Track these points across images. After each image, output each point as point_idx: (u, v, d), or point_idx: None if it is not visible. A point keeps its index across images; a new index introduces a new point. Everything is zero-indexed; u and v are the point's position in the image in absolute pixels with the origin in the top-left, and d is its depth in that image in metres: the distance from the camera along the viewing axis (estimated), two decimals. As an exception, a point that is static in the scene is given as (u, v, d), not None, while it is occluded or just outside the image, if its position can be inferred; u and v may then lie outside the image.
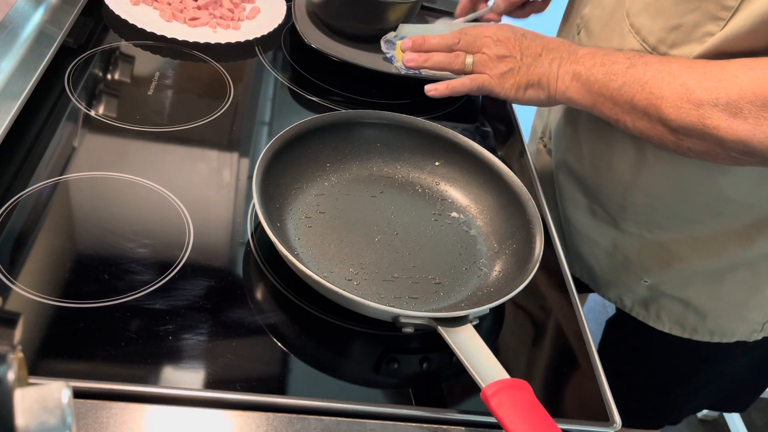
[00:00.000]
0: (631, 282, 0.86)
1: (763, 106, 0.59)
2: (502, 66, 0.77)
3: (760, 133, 0.60)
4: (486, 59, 0.78)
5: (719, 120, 0.61)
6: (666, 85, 0.64)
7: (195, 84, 0.85)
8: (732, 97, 0.60)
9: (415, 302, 0.63)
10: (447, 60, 0.81)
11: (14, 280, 0.56)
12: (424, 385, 0.58)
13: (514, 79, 0.77)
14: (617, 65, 0.68)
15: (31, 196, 0.64)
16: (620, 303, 0.90)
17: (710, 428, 1.78)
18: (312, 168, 0.72)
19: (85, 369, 0.52)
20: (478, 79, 0.79)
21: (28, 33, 0.77)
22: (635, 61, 0.67)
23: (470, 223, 0.72)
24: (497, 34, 0.79)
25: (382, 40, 0.93)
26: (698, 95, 0.62)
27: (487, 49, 0.78)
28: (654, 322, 0.88)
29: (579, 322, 0.67)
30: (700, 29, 0.65)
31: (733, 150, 0.62)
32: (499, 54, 0.77)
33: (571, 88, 0.72)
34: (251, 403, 0.52)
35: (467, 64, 0.79)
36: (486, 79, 0.78)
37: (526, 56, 0.76)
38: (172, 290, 0.59)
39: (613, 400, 0.60)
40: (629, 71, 0.67)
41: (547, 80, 0.74)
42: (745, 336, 0.86)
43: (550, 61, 0.74)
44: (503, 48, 0.77)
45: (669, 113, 0.64)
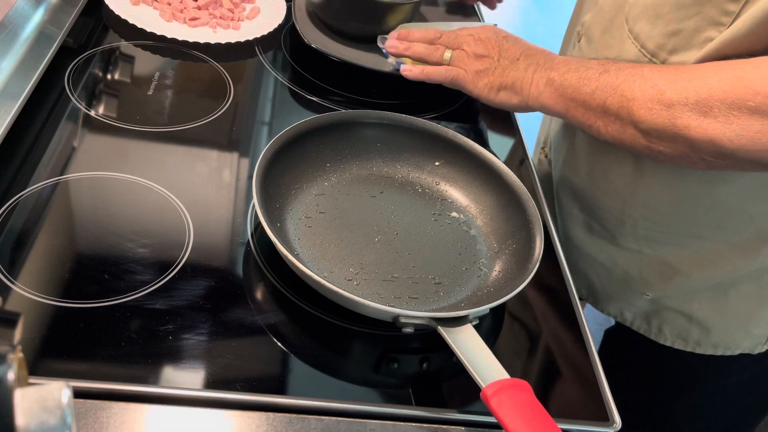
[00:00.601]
0: (632, 296, 0.85)
1: (732, 105, 0.59)
2: (478, 64, 0.78)
3: (730, 131, 0.59)
4: (464, 55, 0.80)
5: (689, 119, 0.61)
6: (637, 87, 0.65)
7: (195, 84, 0.85)
8: (702, 96, 0.60)
9: (415, 302, 0.63)
10: (426, 51, 0.82)
11: (14, 280, 0.56)
12: (424, 385, 0.58)
13: (488, 78, 0.78)
14: (590, 71, 0.69)
15: (31, 196, 0.64)
16: (621, 317, 0.89)
17: (710, 428, 1.78)
18: (312, 168, 0.72)
19: (85, 369, 0.52)
20: (452, 72, 0.80)
21: (28, 33, 0.77)
22: (608, 67, 0.68)
23: (470, 223, 0.72)
24: (479, 33, 0.80)
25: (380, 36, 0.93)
26: (669, 95, 0.62)
27: (467, 46, 0.80)
28: (656, 336, 0.87)
29: (579, 322, 0.67)
30: (700, 35, 0.65)
31: (703, 151, 0.62)
32: (477, 52, 0.79)
33: (544, 94, 0.73)
34: (251, 403, 0.52)
35: (445, 57, 0.81)
36: (461, 73, 0.79)
37: (504, 58, 0.77)
38: (172, 290, 0.59)
39: (614, 403, 0.60)
40: (602, 76, 0.68)
41: (521, 84, 0.75)
42: (748, 349, 0.85)
43: (526, 66, 0.75)
44: (482, 47, 0.79)
45: (640, 115, 0.64)
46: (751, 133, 0.59)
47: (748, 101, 0.58)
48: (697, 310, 0.82)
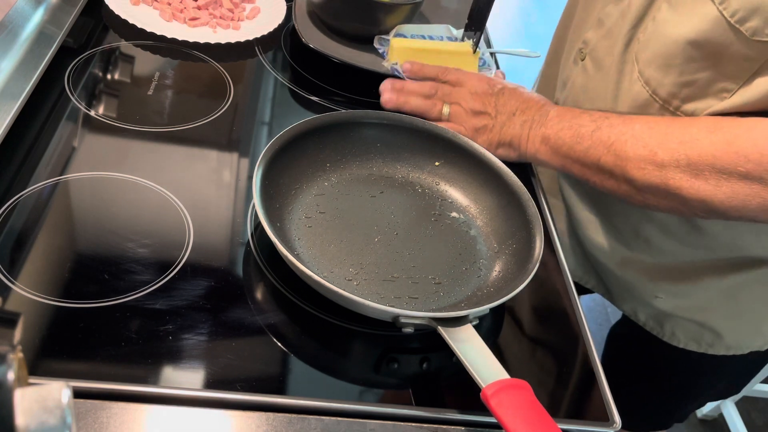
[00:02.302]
0: (644, 297, 0.86)
1: (722, 170, 0.60)
2: (476, 121, 0.78)
3: (721, 194, 0.61)
4: (462, 112, 0.79)
5: (681, 181, 0.63)
6: (630, 147, 0.66)
7: (195, 84, 0.85)
8: (692, 159, 0.62)
9: (415, 302, 0.63)
10: (425, 106, 0.81)
11: (14, 280, 0.56)
12: (424, 385, 0.58)
13: (487, 136, 0.78)
14: (583, 128, 0.70)
15: (31, 196, 0.64)
16: (634, 317, 0.89)
17: (710, 428, 1.78)
18: (312, 168, 0.72)
19: (85, 369, 0.52)
20: (453, 129, 0.78)
21: (28, 33, 0.77)
22: (600, 123, 0.69)
23: (470, 223, 0.72)
24: (475, 87, 0.79)
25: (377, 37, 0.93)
26: (661, 156, 0.63)
27: (464, 102, 0.79)
28: (669, 338, 0.87)
29: (579, 322, 0.67)
30: (715, 85, 0.64)
31: (695, 208, 0.64)
32: (474, 108, 0.78)
33: (540, 151, 0.74)
34: (251, 403, 0.52)
35: (444, 113, 0.80)
36: (461, 130, 0.79)
37: (501, 114, 0.77)
38: (172, 290, 0.59)
39: (614, 403, 0.60)
40: (595, 134, 0.69)
41: (518, 141, 0.76)
42: (758, 347, 0.86)
43: (522, 122, 0.76)
44: (479, 103, 0.78)
45: (634, 174, 0.65)
46: (741, 197, 0.60)
47: (738, 167, 0.59)
48: (709, 316, 0.83)
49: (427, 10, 1.08)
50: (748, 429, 1.70)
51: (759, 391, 1.78)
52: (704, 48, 0.63)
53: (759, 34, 0.59)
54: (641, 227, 0.79)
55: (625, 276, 0.85)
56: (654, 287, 0.84)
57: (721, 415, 1.76)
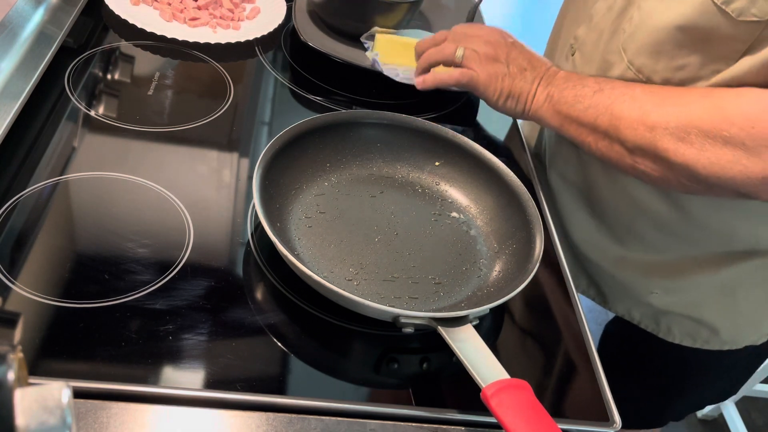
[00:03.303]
0: (641, 295, 0.86)
1: (707, 133, 0.61)
2: (490, 67, 0.77)
3: (704, 158, 0.62)
4: (476, 56, 0.78)
5: (668, 143, 0.63)
6: (626, 108, 0.67)
7: (195, 84, 0.85)
8: (681, 122, 0.63)
9: (415, 302, 0.63)
10: (438, 51, 0.81)
11: (14, 280, 0.56)
12: (424, 385, 0.58)
13: (499, 84, 0.77)
14: (586, 88, 0.71)
15: (31, 196, 0.64)
16: (629, 316, 0.89)
17: (710, 428, 1.78)
18: (312, 168, 0.72)
19: (85, 369, 0.52)
20: (465, 75, 0.78)
21: (28, 33, 0.77)
22: (603, 86, 0.70)
23: (470, 223, 0.72)
24: (488, 35, 0.79)
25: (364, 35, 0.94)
26: (653, 118, 0.64)
27: (478, 47, 0.78)
28: (664, 334, 0.87)
29: (579, 322, 0.67)
30: (707, 67, 0.65)
31: (680, 174, 0.64)
32: (489, 54, 0.77)
33: (542, 108, 0.74)
34: (251, 403, 0.52)
35: (457, 56, 0.79)
36: (474, 75, 0.78)
37: (513, 66, 0.77)
38: (172, 290, 0.59)
39: (614, 402, 0.60)
40: (596, 95, 0.70)
41: (526, 96, 0.76)
42: (753, 341, 0.86)
43: (532, 78, 0.75)
44: (492, 50, 0.77)
45: (626, 134, 0.66)
46: (723, 162, 0.61)
47: (722, 131, 0.60)
48: (705, 313, 0.83)
49: (427, 9, 1.08)
50: (748, 429, 1.70)
51: (759, 391, 1.77)
52: (693, 33, 0.64)
53: (745, 14, 0.60)
54: (634, 223, 0.80)
55: (619, 275, 0.86)
56: (649, 284, 0.84)
57: (721, 415, 1.76)
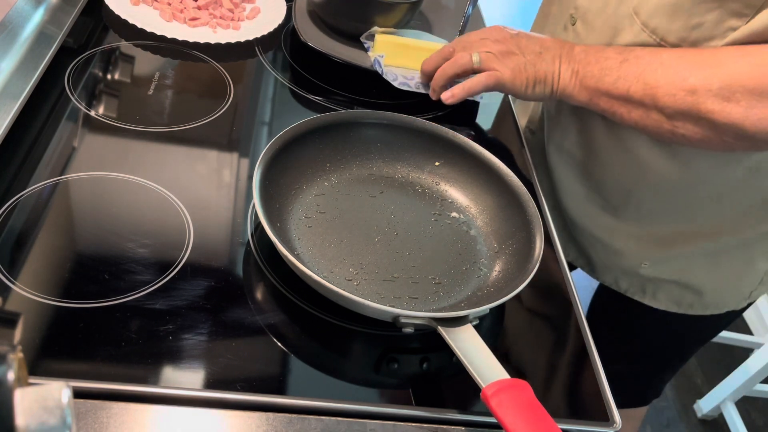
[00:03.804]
0: (630, 266, 0.87)
1: (753, 91, 0.62)
2: (510, 62, 0.77)
3: (753, 115, 0.62)
4: (492, 56, 0.78)
5: (713, 104, 0.64)
6: (660, 75, 0.67)
7: (195, 84, 0.85)
8: (725, 82, 0.63)
9: (415, 302, 0.63)
10: (453, 62, 0.80)
11: (14, 280, 0.56)
12: (424, 385, 0.58)
13: (524, 74, 0.76)
14: (610, 60, 0.71)
15: (31, 196, 0.64)
16: (616, 285, 0.91)
17: (710, 428, 1.78)
18: (312, 168, 0.72)
19: (85, 369, 0.52)
20: (492, 75, 0.78)
21: (28, 33, 0.77)
22: (627, 55, 0.70)
23: (470, 223, 0.72)
24: (492, 34, 0.79)
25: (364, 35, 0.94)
26: (692, 82, 0.65)
27: (489, 47, 0.78)
28: (650, 301, 0.89)
29: (579, 322, 0.67)
30: (722, 25, 0.66)
31: (726, 134, 0.65)
32: (502, 50, 0.77)
33: (570, 85, 0.74)
34: (251, 403, 0.52)
35: (474, 61, 0.78)
36: (499, 75, 0.77)
37: (528, 53, 0.76)
38: (172, 290, 0.59)
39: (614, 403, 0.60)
40: (623, 66, 0.70)
41: (552, 77, 0.75)
42: (734, 305, 0.89)
43: (551, 58, 0.75)
44: (504, 45, 0.77)
45: (665, 101, 0.66)
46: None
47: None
48: (691, 277, 0.85)
49: (427, 9, 1.08)
50: (748, 429, 1.70)
51: (759, 391, 1.77)
52: None
53: None
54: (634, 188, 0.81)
55: (612, 247, 0.87)
56: (640, 255, 0.85)
57: (721, 415, 1.76)
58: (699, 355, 1.91)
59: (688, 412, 1.80)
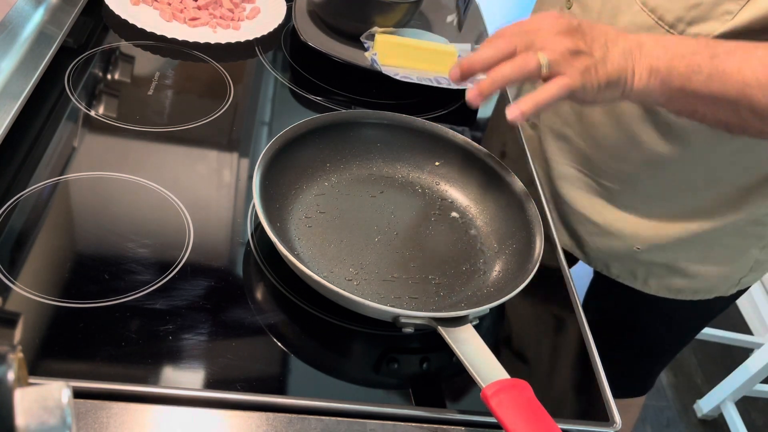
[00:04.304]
0: (623, 250, 0.87)
1: None
2: (579, 63, 0.63)
3: None
4: (559, 58, 0.63)
5: None
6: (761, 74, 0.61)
7: (195, 84, 0.85)
8: None
9: (415, 302, 0.63)
10: (517, 67, 0.63)
11: (14, 280, 0.56)
12: (424, 385, 0.58)
13: (595, 78, 0.64)
14: (697, 56, 0.63)
15: (31, 196, 0.64)
16: (607, 271, 0.91)
17: (710, 428, 1.78)
18: (312, 168, 0.72)
19: (85, 369, 0.52)
20: (564, 85, 0.63)
21: (28, 33, 0.77)
22: (715, 50, 0.63)
23: (470, 223, 0.72)
24: (554, 26, 0.64)
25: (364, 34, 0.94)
26: None
27: (555, 44, 0.63)
28: (641, 286, 0.89)
29: (579, 322, 0.67)
30: (720, 7, 0.66)
31: None
32: (570, 48, 0.63)
33: (650, 87, 0.64)
34: (251, 403, 0.52)
35: (543, 64, 0.63)
36: (570, 83, 0.63)
37: (596, 49, 0.64)
38: (172, 290, 0.59)
39: (614, 402, 0.60)
40: (713, 62, 0.62)
41: (625, 77, 0.64)
42: (723, 291, 0.89)
43: (621, 54, 0.64)
44: (570, 42, 0.63)
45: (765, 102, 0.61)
46: None
47: None
48: (683, 262, 0.85)
49: (427, 9, 1.08)
50: (748, 429, 1.70)
51: (759, 391, 1.77)
52: None
53: None
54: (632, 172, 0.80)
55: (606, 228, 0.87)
56: (635, 238, 0.85)
57: (721, 415, 1.76)
58: (699, 355, 1.92)
59: (688, 412, 1.80)
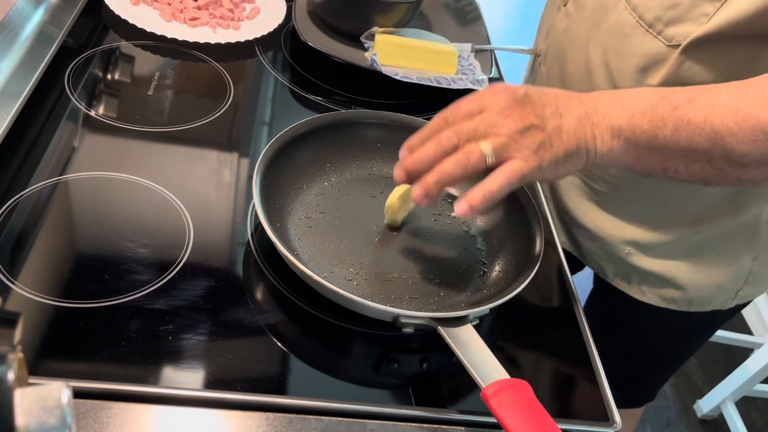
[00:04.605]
0: (613, 254, 0.87)
1: None
2: (529, 142, 0.59)
3: None
4: (506, 141, 0.59)
5: None
6: (730, 120, 0.57)
7: (195, 84, 0.85)
8: None
9: (415, 302, 0.63)
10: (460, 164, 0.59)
11: (14, 280, 0.56)
12: (424, 385, 0.58)
13: (550, 152, 0.60)
14: (658, 110, 0.59)
15: (31, 196, 0.64)
16: (602, 273, 0.91)
17: (710, 428, 1.78)
18: (312, 168, 0.72)
19: (85, 369, 0.52)
20: (515, 171, 0.59)
21: (28, 33, 0.77)
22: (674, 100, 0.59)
23: (470, 223, 0.72)
24: (498, 103, 0.60)
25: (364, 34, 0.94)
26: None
27: (499, 127, 0.59)
28: (636, 293, 0.89)
29: (579, 322, 0.67)
30: (696, 9, 0.66)
31: None
32: (517, 128, 0.59)
33: (614, 149, 0.61)
34: (251, 403, 0.52)
35: (487, 154, 0.59)
36: (521, 166, 0.59)
37: (548, 119, 0.60)
38: (172, 290, 0.59)
39: (614, 402, 0.60)
40: (676, 113, 0.59)
41: (585, 146, 0.61)
42: (720, 305, 0.88)
43: (576, 119, 0.61)
44: (518, 117, 0.59)
45: (743, 149, 0.57)
46: None
47: None
48: (673, 270, 0.84)
49: (427, 9, 1.08)
50: (748, 429, 1.70)
51: (759, 391, 1.77)
52: None
53: None
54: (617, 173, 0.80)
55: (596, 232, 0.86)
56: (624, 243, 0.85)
57: (721, 415, 1.76)
58: (699, 355, 1.91)
59: (688, 412, 1.80)
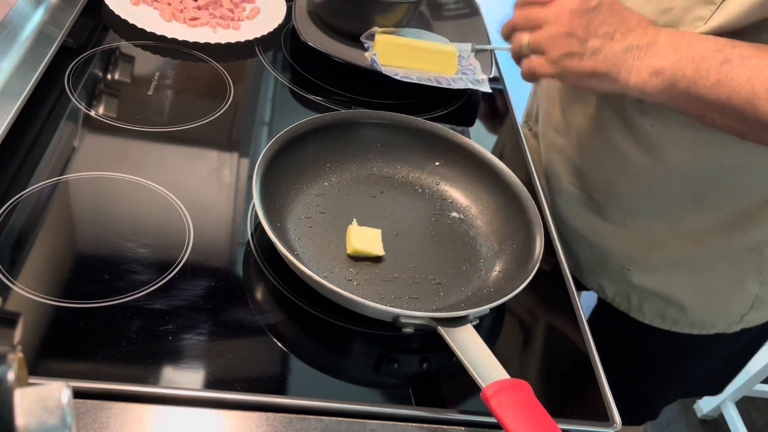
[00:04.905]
0: (613, 271, 0.86)
1: None
2: (562, 47, 0.65)
3: None
4: (543, 40, 0.66)
5: None
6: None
7: (195, 84, 0.85)
8: None
9: (415, 302, 0.63)
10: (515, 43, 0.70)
11: (14, 280, 0.56)
12: (424, 385, 0.58)
13: (577, 64, 0.65)
14: (708, 60, 0.61)
15: (31, 196, 0.64)
16: (602, 293, 0.90)
17: (710, 428, 1.78)
18: (312, 168, 0.72)
19: (85, 369, 0.52)
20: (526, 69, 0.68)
21: (28, 33, 0.77)
22: (728, 54, 0.61)
23: (470, 223, 0.72)
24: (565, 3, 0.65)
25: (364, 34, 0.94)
26: None
27: (550, 25, 0.65)
28: (636, 313, 0.88)
29: (579, 322, 0.67)
30: (690, 13, 0.65)
31: None
32: (560, 32, 0.65)
33: (649, 84, 0.63)
34: (251, 403, 0.52)
35: (523, 45, 0.68)
36: (539, 67, 0.67)
37: (593, 38, 0.64)
38: (172, 290, 0.59)
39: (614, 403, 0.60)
40: (724, 67, 0.60)
41: (619, 71, 0.64)
42: (724, 328, 0.86)
43: (625, 49, 0.64)
44: (565, 25, 0.64)
45: None
46: None
47: None
48: (674, 289, 0.83)
49: (427, 9, 1.08)
50: (748, 429, 1.70)
51: (759, 391, 1.77)
52: None
53: None
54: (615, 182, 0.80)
55: (598, 245, 0.86)
56: (625, 258, 0.84)
57: (721, 415, 1.76)
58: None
59: (688, 412, 1.80)
